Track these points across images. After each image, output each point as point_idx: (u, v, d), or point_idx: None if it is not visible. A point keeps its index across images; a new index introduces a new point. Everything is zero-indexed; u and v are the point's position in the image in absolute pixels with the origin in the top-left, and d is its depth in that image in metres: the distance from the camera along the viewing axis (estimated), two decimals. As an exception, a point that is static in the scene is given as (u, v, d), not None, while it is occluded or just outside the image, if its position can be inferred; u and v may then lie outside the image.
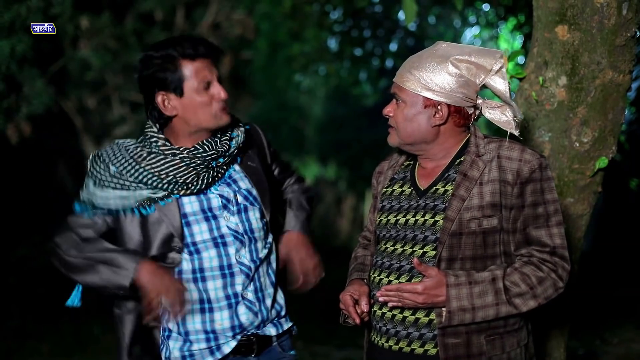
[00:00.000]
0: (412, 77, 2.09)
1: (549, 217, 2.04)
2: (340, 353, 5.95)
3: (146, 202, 2.18)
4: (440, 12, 9.76)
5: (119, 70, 9.35)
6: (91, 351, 6.13)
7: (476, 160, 2.08)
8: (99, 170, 2.21)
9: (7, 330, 6.39)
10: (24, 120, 6.72)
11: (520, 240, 2.06)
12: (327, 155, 16.03)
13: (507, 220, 2.05)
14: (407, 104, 2.10)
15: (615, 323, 6.36)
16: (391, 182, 2.26)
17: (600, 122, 2.73)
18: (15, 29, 5.72)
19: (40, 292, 7.41)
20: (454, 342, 2.00)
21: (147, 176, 2.15)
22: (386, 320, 2.10)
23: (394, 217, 2.17)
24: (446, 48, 2.11)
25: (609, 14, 2.63)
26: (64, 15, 7.04)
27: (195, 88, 2.15)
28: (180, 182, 2.16)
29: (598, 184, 2.84)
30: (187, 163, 2.16)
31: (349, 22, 9.20)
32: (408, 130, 2.12)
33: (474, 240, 2.03)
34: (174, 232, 2.18)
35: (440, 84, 2.06)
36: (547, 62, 2.75)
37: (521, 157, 2.05)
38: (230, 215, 2.25)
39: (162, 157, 2.17)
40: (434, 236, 2.05)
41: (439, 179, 2.13)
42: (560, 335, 2.92)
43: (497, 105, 2.14)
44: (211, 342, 2.22)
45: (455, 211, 2.03)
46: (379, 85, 11.72)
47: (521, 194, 2.04)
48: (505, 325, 2.05)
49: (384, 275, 2.12)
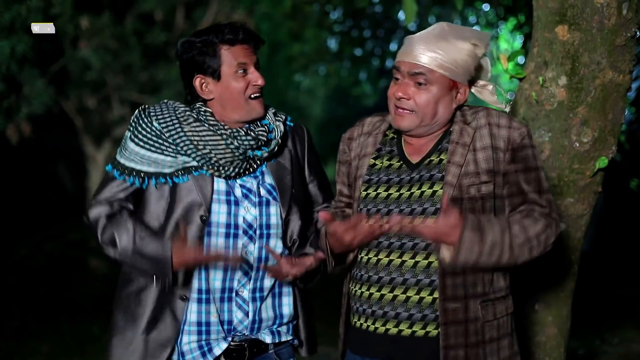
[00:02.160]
0: (438, 57, 2.04)
1: (541, 183, 2.08)
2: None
3: (180, 171, 2.18)
4: (440, 12, 9.76)
5: (119, 71, 9.35)
6: (91, 351, 6.13)
7: (465, 127, 2.09)
8: (142, 124, 2.18)
9: (7, 330, 6.39)
10: (24, 121, 6.72)
11: (517, 202, 2.07)
12: (327, 155, 16.03)
13: (501, 186, 2.07)
14: (435, 85, 2.05)
15: (616, 323, 6.36)
16: (379, 152, 2.19)
17: (600, 122, 2.73)
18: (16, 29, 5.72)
19: (40, 292, 7.41)
20: (453, 307, 2.00)
21: (184, 141, 2.14)
22: (384, 303, 2.05)
23: (384, 190, 2.11)
24: (456, 27, 2.12)
25: (609, 14, 2.63)
26: (64, 15, 7.05)
27: (232, 73, 2.16)
28: (213, 161, 2.15)
29: (598, 184, 2.84)
30: (227, 143, 2.14)
31: (349, 22, 9.21)
32: (432, 112, 2.07)
33: (474, 205, 2.03)
34: (202, 201, 2.17)
35: (463, 64, 2.07)
36: (547, 62, 2.75)
37: (510, 124, 2.08)
38: (250, 206, 2.23)
39: (205, 127, 2.16)
40: (434, 207, 2.02)
41: (432, 152, 2.11)
42: (560, 335, 2.92)
43: (483, 84, 2.20)
44: (202, 336, 2.19)
45: (455, 176, 2.03)
46: (379, 85, 11.72)
47: (513, 159, 2.06)
48: (495, 292, 2.07)
49: (383, 255, 2.07)
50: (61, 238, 8.41)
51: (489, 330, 2.05)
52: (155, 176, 2.18)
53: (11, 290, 7.10)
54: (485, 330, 2.04)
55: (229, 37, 2.16)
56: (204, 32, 2.19)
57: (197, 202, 2.17)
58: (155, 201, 2.21)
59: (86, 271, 8.87)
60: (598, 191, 2.86)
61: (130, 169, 2.19)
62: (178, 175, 2.18)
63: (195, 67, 2.17)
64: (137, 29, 9.23)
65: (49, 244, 8.14)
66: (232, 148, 2.15)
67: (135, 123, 2.20)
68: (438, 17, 9.91)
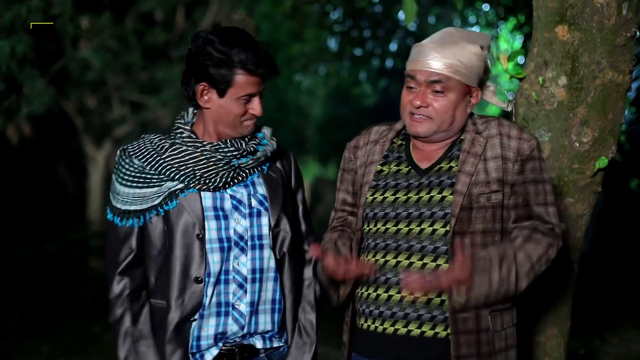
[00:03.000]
0: (456, 64, 2.05)
1: (547, 196, 2.09)
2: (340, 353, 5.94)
3: (168, 197, 2.18)
4: (441, 12, 9.76)
5: (119, 71, 9.36)
6: (91, 351, 6.14)
7: (476, 137, 2.10)
8: (124, 165, 2.20)
9: (7, 330, 6.39)
10: (24, 120, 6.73)
11: (522, 215, 2.07)
12: (327, 156, 16.02)
13: (508, 196, 2.07)
14: (453, 92, 2.06)
15: (616, 323, 6.36)
16: (386, 159, 2.20)
17: (600, 122, 2.73)
18: (16, 29, 5.72)
19: (40, 292, 7.42)
20: (463, 317, 2.00)
21: (166, 167, 2.15)
22: (392, 304, 2.05)
23: (391, 194, 2.11)
24: (462, 32, 2.13)
25: (609, 14, 2.63)
26: (64, 15, 7.05)
27: (237, 97, 2.14)
28: (197, 176, 2.15)
29: (598, 184, 2.84)
30: (208, 157, 2.15)
31: (349, 22, 9.21)
32: (450, 119, 2.08)
33: (484, 214, 2.04)
34: (195, 220, 2.16)
35: (474, 69, 2.08)
36: (547, 62, 2.75)
37: (520, 135, 2.09)
38: (241, 218, 2.22)
39: (183, 148, 2.17)
40: (442, 212, 2.03)
41: (442, 158, 2.12)
42: (561, 335, 2.91)
43: (486, 86, 2.21)
44: (194, 343, 2.17)
45: (465, 185, 2.03)
46: (379, 85, 11.71)
47: (522, 170, 2.07)
48: (504, 302, 2.07)
49: (390, 257, 2.06)
50: (61, 238, 8.41)
51: (499, 341, 2.05)
52: (148, 211, 2.19)
53: (11, 290, 7.10)
54: (495, 340, 2.04)
55: (250, 67, 2.11)
56: (227, 42, 2.12)
57: (191, 222, 2.16)
58: (154, 233, 2.21)
59: (86, 271, 8.87)
60: (598, 191, 2.86)
61: (127, 211, 2.20)
62: (167, 203, 2.18)
63: (205, 75, 2.14)
64: (138, 29, 9.23)
65: (49, 244, 8.14)
66: (213, 161, 2.15)
67: (118, 165, 2.21)
68: (438, 17, 9.91)
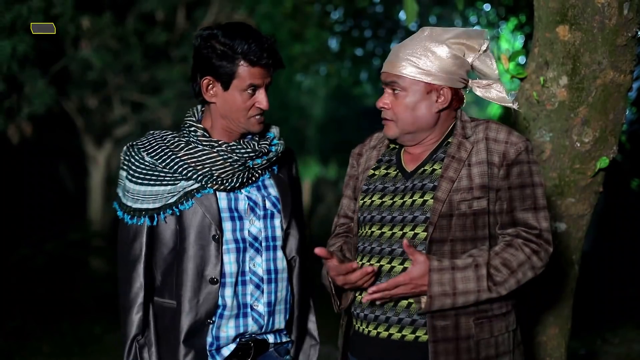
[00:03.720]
0: (409, 63, 2.06)
1: (536, 200, 2.05)
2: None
3: (184, 197, 2.16)
4: (441, 12, 9.75)
5: (120, 71, 9.36)
6: (91, 351, 6.14)
7: (463, 142, 2.08)
8: (134, 162, 2.17)
9: (8, 330, 6.39)
10: (25, 120, 6.73)
11: (506, 222, 2.05)
12: (328, 155, 16.03)
13: (494, 202, 2.05)
14: (408, 92, 2.07)
15: (616, 323, 6.36)
16: (378, 163, 2.22)
17: (601, 122, 2.73)
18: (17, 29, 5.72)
19: (41, 292, 7.42)
20: (442, 325, 1.99)
21: (182, 166, 2.14)
22: (375, 307, 2.06)
23: (378, 198, 2.13)
24: (436, 31, 2.10)
25: (610, 14, 2.63)
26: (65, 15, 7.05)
27: (241, 89, 2.14)
28: (215, 176, 2.15)
29: (599, 184, 2.84)
30: (225, 157, 2.14)
31: (349, 22, 9.19)
32: (410, 119, 2.09)
33: (464, 221, 2.02)
34: (212, 221, 2.16)
35: (440, 67, 2.05)
36: (548, 62, 2.75)
37: (507, 139, 2.06)
38: (255, 219, 2.24)
39: (199, 147, 2.16)
40: (424, 216, 2.03)
41: (426, 161, 2.11)
42: (561, 335, 2.92)
43: (488, 84, 2.17)
44: (213, 346, 2.19)
45: (445, 192, 2.02)
46: (380, 85, 11.70)
47: (507, 175, 2.04)
48: (493, 309, 2.04)
49: (374, 261, 2.08)
50: (62, 238, 8.42)
51: (485, 349, 2.02)
52: (163, 210, 2.17)
53: (12, 291, 7.11)
54: (480, 348, 2.01)
55: (252, 57, 2.11)
56: (230, 34, 2.12)
57: (207, 223, 2.16)
58: (166, 232, 2.19)
59: (87, 271, 8.88)
60: (599, 191, 2.86)
61: (138, 210, 2.18)
62: (182, 202, 2.17)
63: (209, 68, 2.14)
64: (138, 29, 9.23)
65: (49, 243, 8.15)
66: (230, 161, 2.15)
67: (127, 162, 2.19)
68: (439, 17, 9.90)
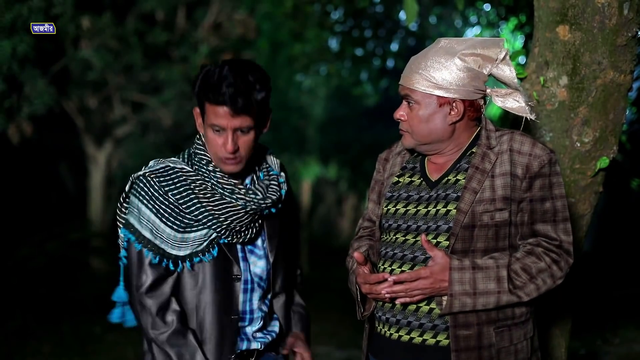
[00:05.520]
0: (422, 77, 2.08)
1: (557, 213, 2.06)
2: (340, 353, 5.96)
3: (210, 245, 2.15)
4: (442, 12, 9.75)
5: (120, 71, 9.36)
6: (91, 351, 6.14)
7: (487, 153, 2.09)
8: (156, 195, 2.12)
9: (8, 331, 6.39)
10: (25, 120, 6.73)
11: (527, 233, 2.07)
12: (328, 155, 16.04)
13: (516, 213, 2.06)
14: (421, 105, 2.09)
15: (617, 323, 6.36)
16: (403, 170, 2.25)
17: (601, 122, 2.73)
18: (17, 29, 5.73)
19: (41, 292, 7.42)
20: (465, 334, 2.01)
21: (206, 215, 2.11)
22: (397, 311, 2.09)
23: (402, 206, 2.16)
24: (450, 43, 2.11)
25: (610, 13, 2.63)
26: (65, 15, 7.05)
27: (209, 125, 2.09)
28: (235, 230, 2.15)
29: (599, 184, 2.84)
30: (244, 206, 2.12)
31: (350, 22, 9.19)
32: (425, 131, 2.11)
33: (487, 232, 2.03)
34: (233, 260, 2.18)
35: (452, 80, 2.06)
36: (548, 62, 2.75)
37: (532, 151, 2.06)
38: (257, 260, 2.27)
39: (219, 193, 2.12)
40: (447, 225, 2.05)
41: (450, 170, 2.13)
42: (562, 335, 2.92)
43: (507, 93, 2.17)
44: None
45: (468, 204, 2.03)
46: (380, 85, 11.71)
47: (530, 188, 2.05)
48: (513, 317, 2.06)
49: (396, 266, 2.10)
50: (62, 238, 8.42)
51: (506, 356, 2.04)
52: (190, 258, 2.15)
53: (12, 291, 7.10)
54: (501, 356, 2.04)
55: (210, 95, 2.03)
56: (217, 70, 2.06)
57: (229, 264, 2.18)
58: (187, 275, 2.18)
59: (87, 271, 8.88)
60: (599, 191, 2.86)
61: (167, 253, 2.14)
62: (209, 250, 2.16)
63: (197, 99, 2.13)
64: (138, 29, 9.23)
65: (50, 244, 8.14)
66: (251, 214, 2.15)
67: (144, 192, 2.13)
68: (439, 17, 9.91)
